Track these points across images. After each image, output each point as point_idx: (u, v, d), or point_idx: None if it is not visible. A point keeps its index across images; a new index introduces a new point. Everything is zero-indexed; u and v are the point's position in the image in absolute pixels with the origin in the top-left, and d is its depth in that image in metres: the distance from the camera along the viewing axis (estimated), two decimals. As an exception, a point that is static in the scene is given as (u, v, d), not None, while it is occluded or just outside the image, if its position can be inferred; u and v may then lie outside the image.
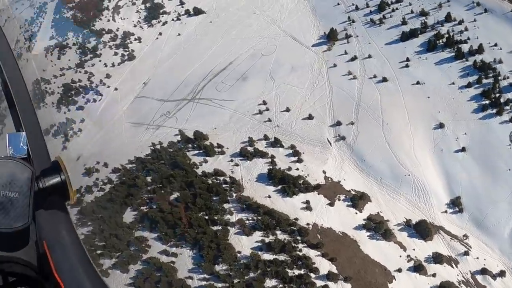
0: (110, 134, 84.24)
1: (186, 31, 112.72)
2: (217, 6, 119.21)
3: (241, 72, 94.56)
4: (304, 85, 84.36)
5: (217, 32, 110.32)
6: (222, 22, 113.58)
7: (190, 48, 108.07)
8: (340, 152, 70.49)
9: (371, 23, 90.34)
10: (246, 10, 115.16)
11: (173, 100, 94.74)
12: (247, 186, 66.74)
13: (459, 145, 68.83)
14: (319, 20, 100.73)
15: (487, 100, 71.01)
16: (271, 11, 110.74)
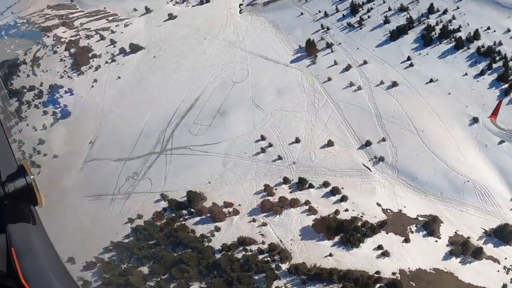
0: (63, 218, 61.17)
1: (127, 72, 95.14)
2: (156, 38, 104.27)
3: (215, 107, 79.82)
4: (303, 107, 73.10)
5: (166, 67, 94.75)
6: (168, 54, 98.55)
7: (138, 91, 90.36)
8: (385, 176, 59.99)
9: (349, 27, 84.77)
10: (193, 37, 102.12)
11: (137, 157, 75.85)
12: (294, 250, 51.28)
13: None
14: (285, 34, 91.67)
15: (505, 84, 69.08)
16: (225, 34, 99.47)
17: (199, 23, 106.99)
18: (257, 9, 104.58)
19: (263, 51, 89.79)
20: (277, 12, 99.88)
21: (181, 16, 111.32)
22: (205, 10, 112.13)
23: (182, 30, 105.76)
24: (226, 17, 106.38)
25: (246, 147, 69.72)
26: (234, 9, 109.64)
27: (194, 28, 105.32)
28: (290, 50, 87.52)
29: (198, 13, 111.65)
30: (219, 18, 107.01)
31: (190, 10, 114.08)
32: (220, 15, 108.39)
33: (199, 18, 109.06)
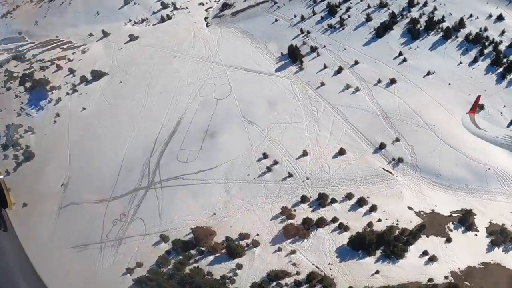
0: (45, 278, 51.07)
1: (92, 101, 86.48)
2: (120, 62, 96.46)
3: (202, 128, 73.45)
4: (301, 117, 68.99)
5: (136, 91, 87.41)
6: (136, 78, 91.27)
7: (108, 121, 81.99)
8: (408, 177, 57.45)
9: (331, 29, 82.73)
10: (161, 56, 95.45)
11: (121, 195, 67.95)
12: (335, 275, 46.12)
13: (506, 119, 64.22)
14: (263, 42, 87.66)
15: (500, 68, 69.42)
16: (195, 49, 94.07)
17: (164, 41, 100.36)
18: (225, 21, 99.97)
19: (242, 62, 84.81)
20: (248, 21, 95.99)
21: (143, 36, 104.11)
22: (168, 27, 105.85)
23: (147, 50, 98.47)
24: (193, 32, 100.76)
25: (248, 168, 63.44)
26: (200, 23, 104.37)
27: (160, 46, 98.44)
28: (271, 59, 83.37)
29: (161, 31, 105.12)
30: (185, 34, 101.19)
31: (151, 29, 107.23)
32: (186, 30, 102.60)
33: (163, 36, 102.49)
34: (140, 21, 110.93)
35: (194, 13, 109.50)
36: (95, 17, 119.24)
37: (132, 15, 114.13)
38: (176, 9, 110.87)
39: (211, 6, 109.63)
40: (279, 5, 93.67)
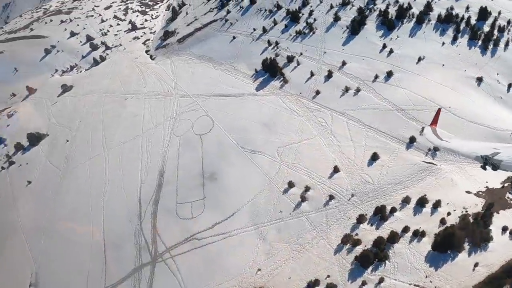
0: None
1: (37, 172, 70.28)
2: (58, 119, 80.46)
3: (196, 174, 63.04)
4: (311, 132, 62.94)
5: (90, 148, 73.88)
6: (85, 132, 77.29)
7: (65, 193, 66.64)
8: (450, 163, 54.33)
9: (301, 35, 78.08)
10: (108, 102, 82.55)
11: (119, 281, 52.49)
12: (440, 285, 38.19)
13: (504, 84, 67.58)
14: (228, 63, 79.75)
15: (479, 40, 72.69)
16: (149, 86, 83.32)
17: (106, 84, 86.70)
18: (172, 49, 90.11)
19: (212, 89, 75.55)
20: (201, 44, 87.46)
21: (79, 84, 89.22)
22: (106, 69, 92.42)
23: (89, 98, 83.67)
24: (137, 69, 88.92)
25: (276, 204, 53.76)
26: (142, 57, 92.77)
27: (104, 91, 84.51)
28: (246, 78, 75.69)
29: (98, 74, 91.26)
30: (129, 72, 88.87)
31: (86, 75, 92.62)
32: (129, 68, 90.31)
33: (103, 80, 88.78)
34: (69, 68, 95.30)
35: (130, 48, 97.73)
36: (13, 74, 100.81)
37: (58, 64, 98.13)
38: (109, 48, 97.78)
39: (148, 38, 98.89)
40: (231, 22, 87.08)
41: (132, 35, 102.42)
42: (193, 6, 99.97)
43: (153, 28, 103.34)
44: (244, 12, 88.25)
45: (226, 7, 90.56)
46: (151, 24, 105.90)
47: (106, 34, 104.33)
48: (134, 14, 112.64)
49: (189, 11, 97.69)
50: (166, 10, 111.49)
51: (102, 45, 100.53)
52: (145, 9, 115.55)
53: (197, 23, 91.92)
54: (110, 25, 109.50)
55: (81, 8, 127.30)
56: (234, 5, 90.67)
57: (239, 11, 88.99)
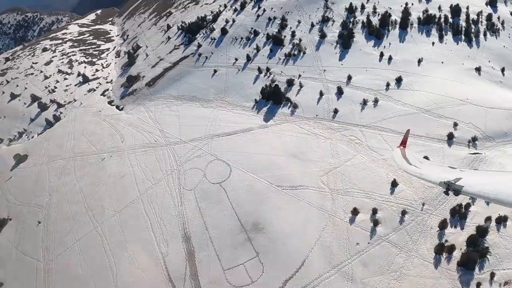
0: None
1: (7, 268, 49.83)
2: (18, 197, 62.61)
3: (234, 229, 51.62)
4: (348, 152, 55.03)
5: (74, 227, 56.72)
6: (61, 208, 59.83)
7: None
8: (491, 149, 51.97)
9: (292, 57, 70.75)
10: (81, 167, 65.70)
11: None
12: None
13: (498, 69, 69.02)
14: (218, 99, 69.31)
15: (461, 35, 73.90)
16: (129, 140, 67.18)
17: (70, 147, 69.45)
18: (143, 95, 76.56)
19: (210, 129, 63.97)
20: (177, 84, 75.80)
21: (35, 152, 70.37)
22: (65, 129, 74.90)
23: (53, 166, 65.53)
24: (106, 123, 72.86)
25: (349, 237, 43.81)
26: (107, 109, 77.34)
27: (70, 156, 67.14)
28: (247, 111, 65.73)
29: (57, 137, 73.32)
30: (97, 128, 72.71)
31: (41, 140, 73.76)
32: (94, 124, 74.10)
33: (65, 142, 71.45)
34: (17, 136, 75.21)
35: (88, 102, 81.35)
36: None
37: (2, 132, 77.13)
38: (61, 106, 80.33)
39: (107, 89, 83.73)
40: (206, 56, 77.11)
41: (86, 88, 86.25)
42: (152, 47, 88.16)
43: (108, 77, 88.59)
44: (217, 43, 79.32)
45: (194, 41, 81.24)
46: (104, 74, 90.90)
47: (54, 91, 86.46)
48: (81, 66, 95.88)
49: (148, 52, 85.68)
50: (116, 57, 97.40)
51: (53, 103, 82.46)
52: (91, 59, 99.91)
53: (165, 63, 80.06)
54: (56, 80, 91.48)
55: (17, 67, 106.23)
56: (203, 38, 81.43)
57: (211, 44, 79.64)
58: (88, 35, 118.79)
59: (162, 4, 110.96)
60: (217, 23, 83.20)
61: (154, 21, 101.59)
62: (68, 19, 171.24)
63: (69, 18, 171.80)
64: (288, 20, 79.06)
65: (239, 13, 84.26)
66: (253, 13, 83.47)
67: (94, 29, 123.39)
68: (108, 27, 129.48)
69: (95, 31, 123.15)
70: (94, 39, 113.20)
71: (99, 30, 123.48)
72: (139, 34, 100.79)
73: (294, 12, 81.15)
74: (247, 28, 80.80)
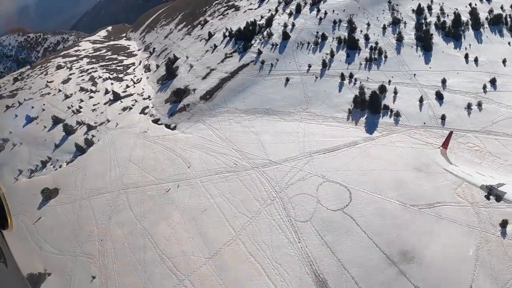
0: None
1: None
2: (51, 240, 47.81)
3: (379, 262, 39.82)
4: (474, 161, 44.60)
5: (151, 280, 40.66)
6: (124, 255, 44.42)
7: None
8: None
9: (373, 62, 62.66)
10: (139, 201, 51.77)
11: None
12: None
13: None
14: (299, 110, 58.37)
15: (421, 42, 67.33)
16: (197, 163, 54.35)
17: (116, 177, 54.60)
18: (200, 110, 62.92)
19: (304, 146, 51.60)
20: (242, 96, 63.75)
21: (67, 185, 56.39)
22: (101, 155, 59.64)
23: (96, 202, 50.08)
24: (158, 146, 58.35)
25: (507, 252, 34.56)
26: (153, 129, 62.58)
27: (117, 188, 51.75)
28: (341, 122, 55.47)
29: (92, 165, 59.03)
30: (146, 153, 57.72)
31: (72, 170, 58.24)
32: (142, 148, 59.13)
33: (107, 171, 55.91)
34: (40, 166, 58.62)
35: (125, 123, 66.35)
36: None
37: (20, 162, 60.42)
38: (92, 128, 64.52)
39: (146, 106, 69.16)
40: (271, 63, 65.17)
41: (119, 106, 70.98)
42: (194, 57, 74.96)
43: (144, 93, 74.15)
44: (281, 49, 67.81)
45: (250, 48, 69.14)
46: (137, 89, 76.20)
47: (80, 111, 70.55)
48: (106, 83, 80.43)
49: (192, 63, 72.42)
50: (146, 71, 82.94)
51: (80, 125, 66.52)
52: (117, 75, 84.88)
53: (218, 73, 67.15)
54: (79, 99, 75.37)
55: (29, 87, 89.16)
56: (261, 44, 69.87)
57: (272, 50, 68.10)
58: (105, 50, 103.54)
59: (189, 14, 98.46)
60: (272, 28, 72.00)
61: (186, 31, 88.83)
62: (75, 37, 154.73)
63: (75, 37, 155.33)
64: (356, 23, 69.37)
65: (296, 17, 73.61)
66: (313, 16, 73.08)
67: (110, 45, 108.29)
68: (124, 42, 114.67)
69: (112, 46, 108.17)
70: (113, 55, 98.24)
71: (116, 46, 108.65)
72: (170, 46, 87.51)
73: (359, 14, 71.63)
74: (311, 32, 69.99)
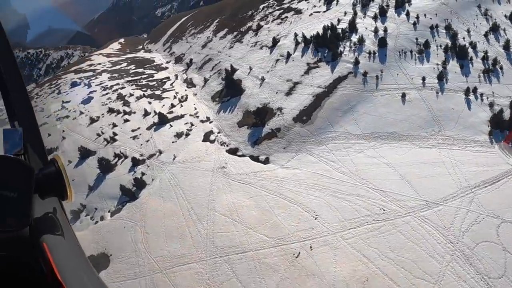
0: None
1: None
2: None
3: None
4: None
5: None
6: None
7: None
8: None
9: (493, 74, 46.31)
10: (245, 271, 31.74)
11: None
12: None
13: None
14: (431, 132, 43.01)
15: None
16: (327, 209, 37.57)
17: (202, 237, 35.53)
18: (298, 136, 45.99)
19: (460, 178, 36.44)
20: (352, 117, 47.58)
21: (120, 249, 35.61)
22: (164, 202, 40.44)
23: (180, 276, 31.45)
24: (256, 189, 40.56)
25: None
26: (236, 163, 44.58)
27: (209, 253, 33.51)
28: (486, 147, 40.63)
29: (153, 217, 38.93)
30: (241, 200, 39.60)
31: (121, 225, 38.83)
32: (230, 192, 40.74)
33: (183, 228, 36.98)
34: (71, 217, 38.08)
35: (188, 154, 47.07)
36: None
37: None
38: (138, 162, 44.04)
39: (210, 131, 50.32)
40: (376, 75, 49.86)
41: (168, 131, 50.43)
42: (262, 68, 57.58)
43: (198, 114, 55.44)
44: (381, 58, 52.92)
45: (341, 57, 53.44)
46: (186, 109, 57.38)
47: (115, 139, 48.65)
48: (142, 102, 59.21)
49: (261, 75, 55.24)
50: (190, 87, 63.59)
51: (121, 158, 45.65)
52: (153, 92, 64.36)
53: (308, 88, 49.66)
54: (112, 124, 53.69)
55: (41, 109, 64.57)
56: (352, 52, 54.30)
57: (371, 59, 53.06)
58: (126, 64, 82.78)
59: (229, 19, 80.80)
60: (359, 32, 57.29)
61: (234, 38, 71.24)
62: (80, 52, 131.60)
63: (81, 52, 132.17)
64: (454, 29, 56.15)
65: (384, 21, 59.43)
66: (403, 20, 58.99)
67: (129, 58, 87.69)
68: (145, 55, 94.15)
69: (132, 59, 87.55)
70: (138, 68, 77.90)
71: (137, 59, 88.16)
72: (215, 55, 69.31)
73: (453, 19, 58.58)
74: (409, 39, 55.60)
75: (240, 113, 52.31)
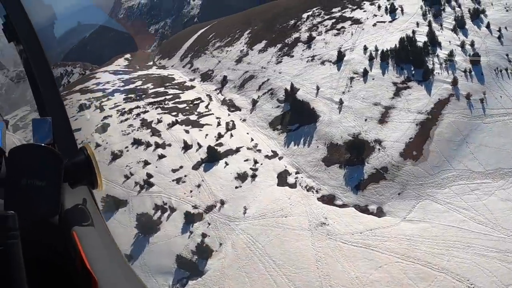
0: None
1: None
2: None
3: None
4: None
5: None
6: None
7: None
8: None
9: None
10: None
11: None
12: None
13: None
14: None
15: None
16: None
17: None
18: (412, 176, 34.39)
19: None
20: (468, 150, 36.87)
21: None
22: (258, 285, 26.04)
23: None
24: (377, 255, 27.81)
25: None
26: (340, 217, 31.55)
27: None
28: None
29: None
30: (364, 272, 26.65)
31: None
32: (345, 262, 27.65)
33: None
34: None
35: (263, 205, 33.43)
36: None
37: None
38: (196, 218, 29.93)
39: (284, 170, 36.85)
40: (481, 99, 38.48)
41: (225, 171, 37.12)
42: (332, 88, 44.04)
43: (259, 147, 41.46)
44: (479, 78, 41.90)
45: (433, 75, 41.71)
46: (240, 140, 43.29)
47: (151, 182, 32.06)
48: (176, 130, 43.98)
49: (337, 97, 42.10)
50: (232, 110, 48.64)
51: (165, 212, 30.28)
52: (186, 117, 49.17)
53: (405, 113, 37.40)
54: (142, 161, 39.19)
55: None
56: (443, 70, 43.40)
57: (468, 79, 41.67)
58: (141, 83, 66.92)
59: (264, 29, 66.98)
60: (443, 46, 47.02)
61: (279, 51, 58.37)
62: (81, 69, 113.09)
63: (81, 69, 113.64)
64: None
65: (465, 34, 49.54)
66: (486, 33, 49.40)
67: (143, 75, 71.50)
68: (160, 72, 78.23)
69: (148, 77, 71.55)
70: (158, 87, 62.16)
71: (153, 76, 72.33)
72: (259, 72, 55.84)
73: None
74: (500, 55, 45.91)
75: (322, 146, 39.74)
